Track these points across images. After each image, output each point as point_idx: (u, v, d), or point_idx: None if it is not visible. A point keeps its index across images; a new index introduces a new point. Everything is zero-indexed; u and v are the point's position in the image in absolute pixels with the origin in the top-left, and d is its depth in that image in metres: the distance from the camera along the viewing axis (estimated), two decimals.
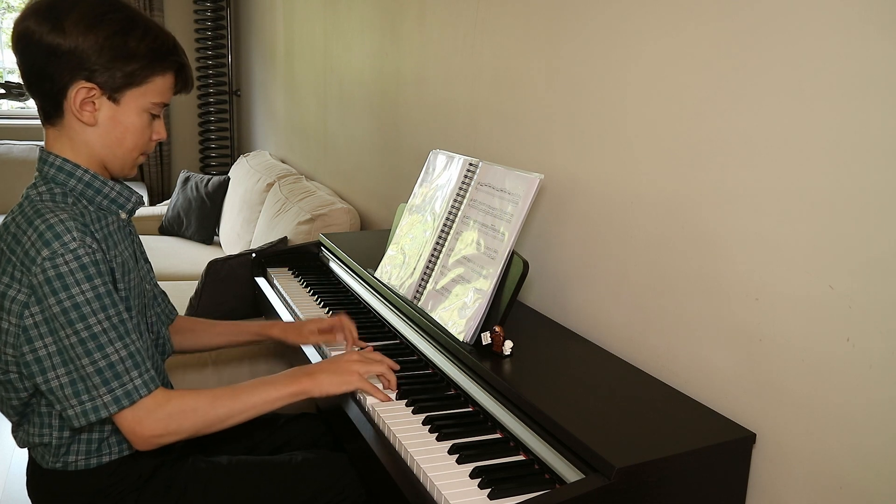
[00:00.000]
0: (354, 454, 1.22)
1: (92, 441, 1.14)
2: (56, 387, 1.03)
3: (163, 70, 1.13)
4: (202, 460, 1.28)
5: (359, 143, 2.68)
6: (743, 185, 1.08)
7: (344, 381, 1.18)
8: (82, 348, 1.01)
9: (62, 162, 1.11)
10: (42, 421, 1.12)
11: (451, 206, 1.45)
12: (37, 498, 1.21)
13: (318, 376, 1.16)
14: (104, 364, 1.02)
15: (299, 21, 3.33)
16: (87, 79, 1.07)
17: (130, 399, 1.03)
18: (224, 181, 3.78)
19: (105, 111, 1.10)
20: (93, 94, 1.08)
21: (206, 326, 1.49)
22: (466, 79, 1.84)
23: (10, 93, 4.36)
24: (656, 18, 1.22)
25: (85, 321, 1.01)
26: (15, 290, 1.03)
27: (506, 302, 1.28)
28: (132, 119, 1.12)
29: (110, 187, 1.15)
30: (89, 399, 1.02)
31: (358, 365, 1.20)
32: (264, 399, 1.12)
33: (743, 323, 1.09)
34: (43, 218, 1.03)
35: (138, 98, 1.11)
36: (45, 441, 1.12)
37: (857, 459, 0.94)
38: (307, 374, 1.17)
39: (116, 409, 1.03)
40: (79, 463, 1.14)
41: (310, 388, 1.15)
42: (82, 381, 1.02)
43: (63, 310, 1.01)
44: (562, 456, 0.99)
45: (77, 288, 1.01)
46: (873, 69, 0.89)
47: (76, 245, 1.02)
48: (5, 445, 2.52)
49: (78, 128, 1.11)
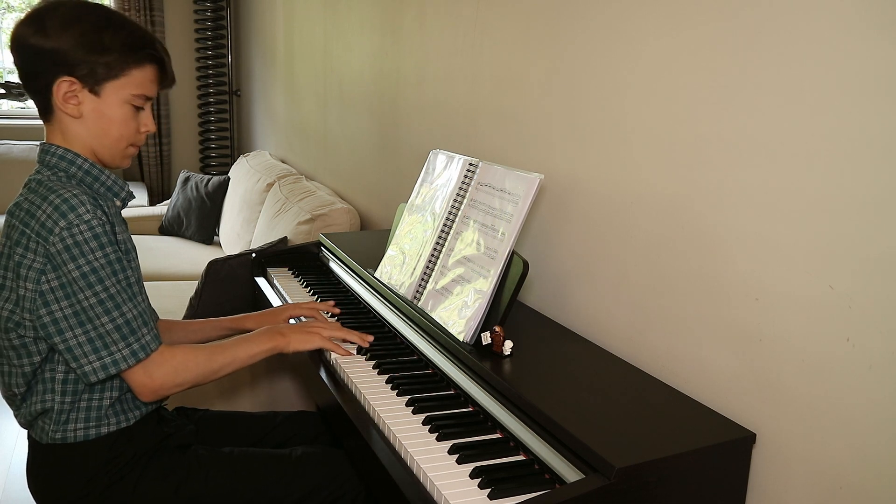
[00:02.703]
0: (354, 453, 1.22)
1: (91, 409, 1.20)
2: (74, 345, 1.12)
3: (138, 62, 1.20)
4: (205, 448, 1.31)
5: (359, 143, 2.68)
6: (743, 185, 1.08)
7: (308, 339, 1.35)
8: (101, 308, 1.12)
9: (63, 151, 1.19)
10: (45, 387, 1.18)
11: (451, 206, 1.45)
12: (37, 486, 1.23)
13: (289, 335, 1.34)
14: (122, 321, 1.13)
15: (299, 21, 3.33)
16: (68, 73, 1.15)
17: (145, 352, 1.15)
18: (224, 181, 3.78)
19: (88, 104, 1.18)
20: (74, 87, 1.16)
21: (180, 326, 1.53)
22: (466, 79, 1.84)
23: (10, 93, 4.36)
24: (656, 19, 1.22)
25: (102, 283, 1.12)
26: (30, 259, 1.11)
27: (506, 302, 1.28)
28: (114, 110, 1.20)
29: (107, 176, 1.24)
30: (108, 354, 1.12)
31: (323, 328, 1.38)
32: (248, 353, 1.29)
33: (743, 323, 1.09)
34: (57, 193, 1.12)
35: (118, 90, 1.19)
36: (48, 407, 1.18)
37: (857, 459, 0.94)
38: (280, 332, 1.34)
39: (134, 361, 1.14)
40: (78, 433, 1.19)
41: (282, 345, 1.33)
42: (100, 338, 1.12)
43: (82, 274, 1.10)
44: (562, 456, 0.99)
45: (92, 255, 1.11)
46: (873, 69, 0.89)
47: (90, 216, 1.11)
48: (6, 445, 2.52)
49: (67, 121, 1.19)
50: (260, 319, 1.53)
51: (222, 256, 2.23)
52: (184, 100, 4.86)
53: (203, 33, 4.61)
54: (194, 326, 1.54)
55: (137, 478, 1.21)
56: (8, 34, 5.56)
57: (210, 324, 1.55)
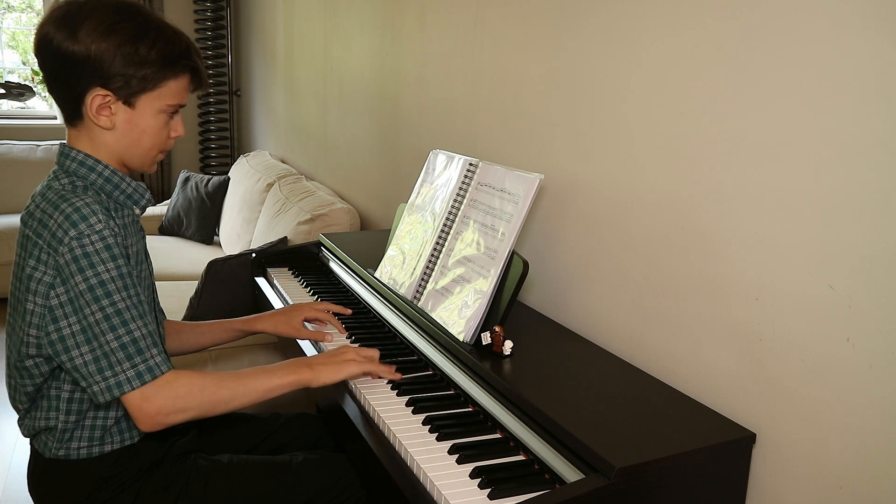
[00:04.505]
0: (354, 454, 1.22)
1: (96, 428, 1.16)
2: (80, 364, 1.05)
3: (175, 74, 1.15)
4: (204, 458, 1.28)
5: (359, 143, 2.68)
6: (743, 185, 1.08)
7: (341, 368, 1.22)
8: (107, 324, 1.04)
9: (84, 157, 1.14)
10: (50, 404, 1.14)
11: (451, 206, 1.45)
12: (38, 492, 1.21)
13: (317, 368, 1.20)
14: (128, 339, 1.04)
15: (299, 21, 3.33)
16: (102, 86, 1.10)
17: (152, 374, 1.05)
18: (224, 181, 3.78)
19: (121, 115, 1.13)
20: (108, 100, 1.11)
21: (190, 328, 1.49)
22: (466, 79, 1.84)
23: (10, 93, 4.36)
24: (657, 19, 1.22)
25: (110, 297, 1.04)
26: (41, 272, 1.06)
27: (506, 302, 1.28)
28: (148, 122, 1.15)
29: (127, 183, 1.19)
30: (112, 375, 1.04)
31: (353, 365, 1.24)
32: (266, 386, 1.15)
33: (743, 323, 1.09)
34: (69, 202, 1.07)
35: (153, 101, 1.14)
36: (52, 425, 1.15)
37: (856, 459, 0.94)
38: (307, 365, 1.21)
39: (140, 383, 1.04)
40: (81, 451, 1.16)
41: (309, 379, 1.19)
42: (105, 357, 1.04)
43: (89, 287, 1.04)
44: (562, 456, 0.99)
45: (102, 266, 1.05)
46: (873, 69, 0.89)
47: (101, 227, 1.06)
48: (6, 445, 2.52)
49: (96, 130, 1.14)
50: (272, 320, 1.49)
51: (222, 256, 2.23)
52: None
53: (203, 33, 4.60)
54: (203, 329, 1.50)
55: (138, 490, 1.19)
56: (8, 34, 5.53)
57: (220, 325, 1.50)
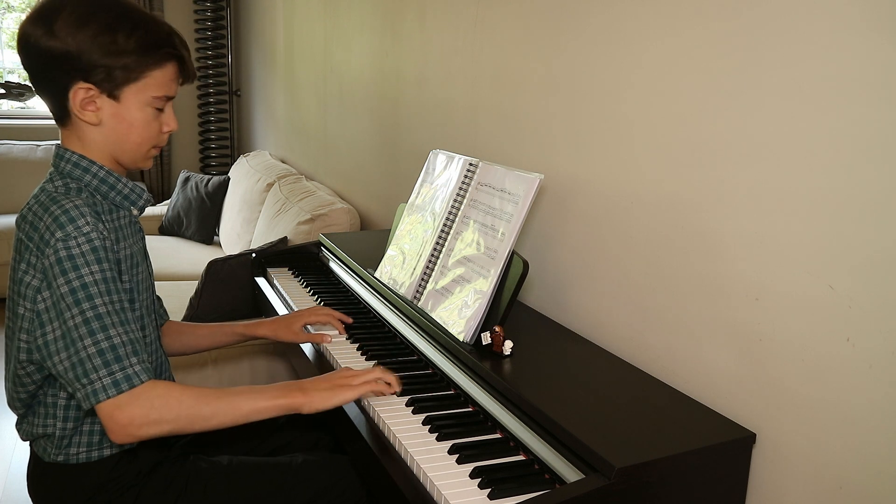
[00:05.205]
0: (354, 455, 1.22)
1: (94, 433, 1.15)
2: (62, 370, 1.02)
3: (157, 63, 1.12)
4: (203, 459, 1.28)
5: (359, 143, 2.68)
6: (743, 185, 1.08)
7: (336, 394, 1.13)
8: (86, 328, 1.00)
9: (78, 158, 1.13)
10: (47, 411, 1.13)
11: (451, 206, 1.45)
12: (37, 494, 1.21)
13: (311, 393, 1.11)
14: (106, 346, 1.00)
15: (299, 21, 3.33)
16: (84, 79, 1.08)
17: (130, 384, 1.00)
18: (224, 181, 3.78)
19: (107, 110, 1.12)
20: (91, 93, 1.09)
21: (190, 329, 1.49)
22: (466, 79, 1.84)
23: (10, 93, 4.36)
24: (657, 19, 1.22)
25: (91, 301, 1.01)
26: (31, 275, 1.05)
27: (506, 302, 1.28)
28: (135, 115, 1.13)
29: (123, 184, 1.17)
30: (89, 382, 0.99)
31: (349, 391, 1.14)
32: (252, 407, 1.07)
33: (743, 323, 1.09)
34: (58, 204, 1.05)
35: (138, 93, 1.12)
36: (49, 432, 1.14)
37: (856, 459, 0.94)
38: (300, 388, 1.12)
39: (115, 392, 0.99)
40: (80, 456, 1.15)
41: (300, 404, 1.10)
42: (81, 364, 0.99)
43: (71, 290, 1.01)
44: (562, 456, 0.99)
45: (87, 269, 1.02)
46: (873, 69, 0.89)
47: (89, 229, 1.04)
48: (6, 445, 2.52)
49: (84, 127, 1.13)
50: (272, 326, 1.48)
51: (222, 256, 2.23)
52: (184, 100, 4.84)
53: (203, 33, 4.60)
54: (203, 331, 1.49)
55: (138, 493, 1.19)
56: (8, 34, 5.54)
57: (221, 329, 1.49)
